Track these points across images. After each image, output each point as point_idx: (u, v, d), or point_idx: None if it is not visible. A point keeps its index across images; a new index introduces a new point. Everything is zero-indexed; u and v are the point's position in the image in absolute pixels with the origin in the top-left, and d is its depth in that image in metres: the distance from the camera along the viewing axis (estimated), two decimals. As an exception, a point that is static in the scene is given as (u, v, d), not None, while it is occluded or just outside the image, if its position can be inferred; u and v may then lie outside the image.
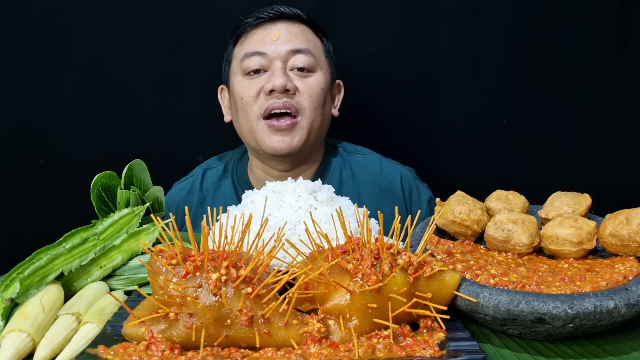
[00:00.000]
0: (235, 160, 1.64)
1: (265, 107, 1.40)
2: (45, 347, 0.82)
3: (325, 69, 1.49)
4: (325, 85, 1.46)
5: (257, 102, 1.41)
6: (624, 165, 1.88)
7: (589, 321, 0.81)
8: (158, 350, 0.76)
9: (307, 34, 1.49)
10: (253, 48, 1.43)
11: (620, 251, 0.94)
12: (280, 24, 1.46)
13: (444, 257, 0.95)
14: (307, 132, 1.44)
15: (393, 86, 1.85)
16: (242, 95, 1.43)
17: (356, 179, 1.56)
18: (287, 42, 1.43)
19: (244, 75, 1.45)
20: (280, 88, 1.38)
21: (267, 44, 1.43)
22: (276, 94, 1.39)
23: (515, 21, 1.81)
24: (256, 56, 1.42)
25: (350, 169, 1.58)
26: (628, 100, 1.85)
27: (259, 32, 1.45)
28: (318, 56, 1.47)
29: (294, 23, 1.48)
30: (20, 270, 0.95)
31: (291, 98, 1.40)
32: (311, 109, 1.43)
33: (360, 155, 1.61)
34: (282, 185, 1.11)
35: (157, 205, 1.23)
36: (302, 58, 1.42)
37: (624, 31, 1.81)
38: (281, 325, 0.80)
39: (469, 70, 1.84)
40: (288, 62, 1.42)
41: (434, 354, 0.77)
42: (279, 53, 1.41)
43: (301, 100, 1.41)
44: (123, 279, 1.04)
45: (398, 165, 1.61)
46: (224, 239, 0.85)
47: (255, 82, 1.42)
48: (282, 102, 1.38)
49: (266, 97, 1.40)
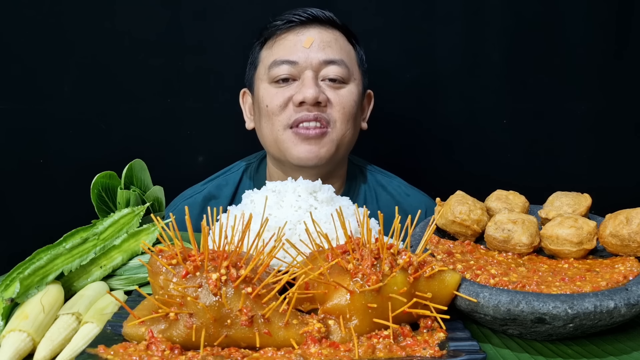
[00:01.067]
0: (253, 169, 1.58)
1: (294, 119, 1.32)
2: (45, 347, 0.82)
3: (358, 80, 1.41)
4: (357, 97, 1.38)
5: (285, 112, 1.33)
6: (624, 165, 1.88)
7: (589, 321, 0.81)
8: (158, 350, 0.76)
9: (341, 42, 1.40)
10: (283, 56, 1.34)
11: (621, 251, 0.94)
12: (313, 30, 1.36)
13: (444, 257, 0.95)
14: (337, 145, 1.37)
15: (393, 86, 1.85)
16: (267, 103, 1.34)
17: (380, 202, 1.52)
18: (319, 51, 1.33)
19: (271, 82, 1.36)
20: (311, 100, 1.30)
21: (298, 52, 1.33)
22: (306, 106, 1.31)
23: (515, 21, 1.81)
24: (286, 64, 1.33)
25: (374, 190, 1.54)
26: (628, 100, 1.85)
27: (290, 37, 1.36)
28: (351, 66, 1.38)
29: (327, 29, 1.38)
30: (20, 270, 0.95)
31: (322, 111, 1.32)
32: (342, 122, 1.34)
33: (385, 177, 1.56)
34: (282, 185, 1.11)
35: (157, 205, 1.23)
36: (335, 69, 1.33)
37: (623, 31, 1.81)
38: (281, 325, 0.80)
39: (470, 70, 1.84)
40: (320, 72, 1.34)
41: (434, 354, 0.77)
42: (310, 62, 1.32)
43: (333, 112, 1.33)
44: (123, 279, 1.04)
45: (424, 196, 1.56)
46: (224, 238, 0.85)
47: (284, 91, 1.34)
48: (313, 115, 1.30)
49: (295, 108, 1.32)
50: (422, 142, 1.90)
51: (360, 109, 1.45)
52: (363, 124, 1.51)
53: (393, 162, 1.70)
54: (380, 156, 1.71)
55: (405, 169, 1.73)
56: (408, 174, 1.66)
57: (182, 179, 1.68)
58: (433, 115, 1.88)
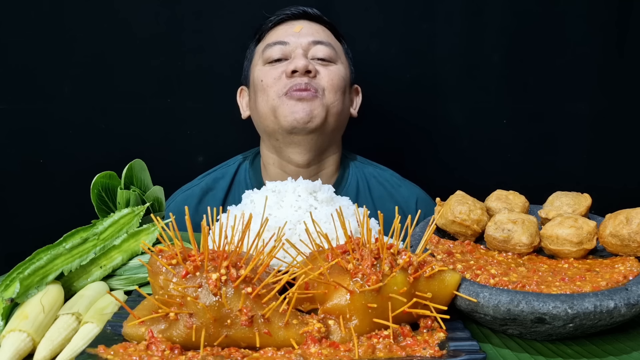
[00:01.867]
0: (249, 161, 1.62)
1: (288, 87, 1.41)
2: (45, 347, 0.82)
3: (345, 64, 1.52)
4: (345, 75, 1.49)
5: (279, 82, 1.42)
6: (624, 165, 1.88)
7: (589, 321, 0.81)
8: (158, 350, 0.76)
9: (328, 33, 1.53)
10: (275, 39, 1.47)
11: (620, 251, 0.94)
12: (303, 22, 1.51)
13: (444, 257, 0.95)
14: (326, 111, 1.44)
15: (393, 86, 1.85)
16: (262, 78, 1.44)
17: (373, 192, 1.55)
18: (309, 35, 1.47)
19: (265, 64, 1.48)
20: (302, 69, 1.40)
21: (288, 36, 1.47)
22: (298, 74, 1.41)
23: (515, 21, 1.81)
24: (278, 45, 1.45)
25: (366, 180, 1.57)
26: (628, 100, 1.85)
27: (282, 27, 1.50)
28: (338, 51, 1.51)
29: (316, 23, 1.53)
30: (20, 270, 0.95)
31: (312, 79, 1.42)
32: (331, 91, 1.43)
33: (375, 168, 1.60)
34: (282, 185, 1.11)
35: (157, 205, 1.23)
36: (322, 49, 1.45)
37: (624, 31, 1.81)
38: (281, 325, 0.80)
39: (470, 70, 1.84)
40: (309, 51, 1.45)
41: (434, 354, 0.77)
42: (300, 43, 1.44)
43: (321, 82, 1.43)
44: (123, 279, 1.04)
45: (415, 187, 1.59)
46: (224, 238, 0.85)
47: (277, 67, 1.44)
48: (305, 83, 1.39)
49: (288, 78, 1.42)
50: (422, 141, 1.90)
51: (348, 92, 1.53)
52: (352, 111, 1.58)
53: (393, 160, 1.70)
54: (380, 155, 1.71)
55: (405, 169, 1.73)
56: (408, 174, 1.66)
57: (182, 179, 1.68)
58: (433, 115, 1.88)
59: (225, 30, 1.79)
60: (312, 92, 1.40)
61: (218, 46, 1.81)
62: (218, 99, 1.82)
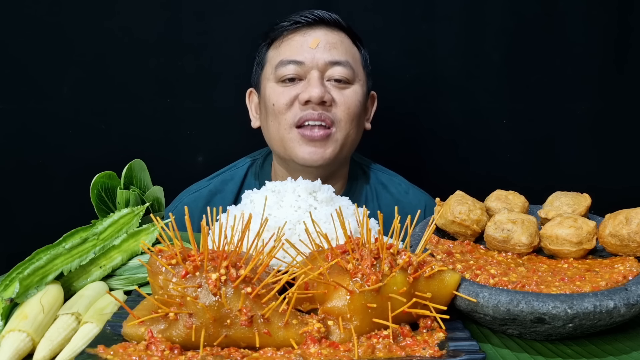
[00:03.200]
0: (257, 166, 1.60)
1: (299, 117, 1.35)
2: (45, 347, 0.82)
3: (362, 81, 1.45)
4: (362, 97, 1.43)
5: (291, 110, 1.36)
6: (623, 165, 1.88)
7: (588, 321, 0.81)
8: (158, 350, 0.76)
9: (346, 44, 1.43)
10: (290, 56, 1.37)
11: (620, 251, 0.94)
12: (319, 31, 1.40)
13: (444, 257, 0.95)
14: (341, 144, 1.40)
15: (393, 86, 1.85)
16: (274, 101, 1.37)
17: (380, 201, 1.54)
18: (325, 52, 1.37)
19: (277, 82, 1.40)
20: (317, 99, 1.33)
21: (304, 52, 1.37)
22: (312, 104, 1.35)
23: (515, 21, 1.81)
24: (292, 64, 1.36)
25: (375, 189, 1.56)
26: (628, 100, 1.85)
27: (297, 37, 1.39)
28: (356, 68, 1.42)
29: (333, 31, 1.42)
30: (20, 270, 0.95)
31: (327, 110, 1.36)
32: (347, 122, 1.38)
33: (387, 175, 1.59)
34: (281, 185, 1.11)
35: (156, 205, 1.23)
36: (340, 70, 1.37)
37: (623, 31, 1.81)
38: (281, 325, 0.80)
39: (469, 70, 1.84)
40: (325, 72, 1.38)
41: (433, 354, 0.77)
42: (316, 63, 1.36)
43: (337, 112, 1.37)
44: (123, 279, 1.04)
45: (423, 194, 1.57)
46: (224, 239, 0.85)
47: (290, 90, 1.37)
48: (318, 113, 1.34)
49: (301, 107, 1.36)
50: (422, 142, 1.90)
51: (364, 109, 1.48)
52: (367, 124, 1.54)
53: (393, 161, 1.70)
54: (381, 155, 1.71)
55: (404, 169, 1.73)
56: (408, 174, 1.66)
57: (182, 179, 1.68)
58: (433, 115, 1.87)
59: (225, 30, 1.79)
60: (325, 130, 1.35)
61: (218, 46, 1.80)
62: (218, 99, 1.82)
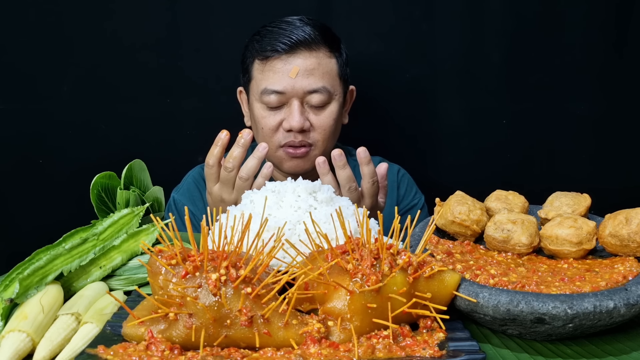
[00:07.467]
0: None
1: (284, 143, 1.55)
2: (44, 347, 0.82)
3: (338, 94, 1.57)
4: (337, 114, 1.57)
5: (277, 135, 1.55)
6: (623, 165, 1.88)
7: (588, 321, 0.81)
8: (158, 350, 0.76)
9: (324, 64, 1.53)
10: (272, 84, 1.51)
11: (620, 251, 0.94)
12: (298, 57, 1.51)
13: (444, 257, 0.95)
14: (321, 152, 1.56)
15: (393, 86, 1.85)
16: (262, 125, 1.55)
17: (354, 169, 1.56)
18: (304, 80, 1.51)
19: (263, 105, 1.55)
20: (297, 129, 1.52)
21: (284, 81, 1.51)
22: (293, 132, 1.53)
23: (515, 21, 1.81)
24: (275, 94, 1.52)
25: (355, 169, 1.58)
26: (628, 100, 1.85)
27: (278, 65, 1.51)
28: (333, 86, 1.55)
29: (312, 50, 1.52)
30: (20, 270, 0.95)
31: (306, 136, 1.55)
32: (323, 141, 1.56)
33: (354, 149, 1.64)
34: (281, 185, 1.11)
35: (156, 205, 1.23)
36: (317, 97, 1.53)
37: (623, 31, 1.81)
38: (281, 325, 0.80)
39: (469, 70, 1.84)
40: (304, 99, 1.53)
41: (433, 354, 0.77)
42: (296, 92, 1.51)
43: (315, 135, 1.55)
44: (123, 279, 1.04)
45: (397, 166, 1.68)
46: (224, 239, 0.85)
47: (275, 116, 1.54)
48: (299, 141, 1.54)
49: (285, 132, 1.54)
50: (422, 141, 1.90)
51: (340, 117, 1.61)
52: (344, 120, 1.66)
53: (392, 161, 1.70)
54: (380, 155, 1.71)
55: (404, 169, 1.73)
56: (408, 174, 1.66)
57: (181, 179, 1.68)
58: (433, 115, 1.87)
59: (225, 31, 1.79)
60: (305, 148, 1.55)
61: (218, 46, 1.80)
62: (218, 99, 1.82)
